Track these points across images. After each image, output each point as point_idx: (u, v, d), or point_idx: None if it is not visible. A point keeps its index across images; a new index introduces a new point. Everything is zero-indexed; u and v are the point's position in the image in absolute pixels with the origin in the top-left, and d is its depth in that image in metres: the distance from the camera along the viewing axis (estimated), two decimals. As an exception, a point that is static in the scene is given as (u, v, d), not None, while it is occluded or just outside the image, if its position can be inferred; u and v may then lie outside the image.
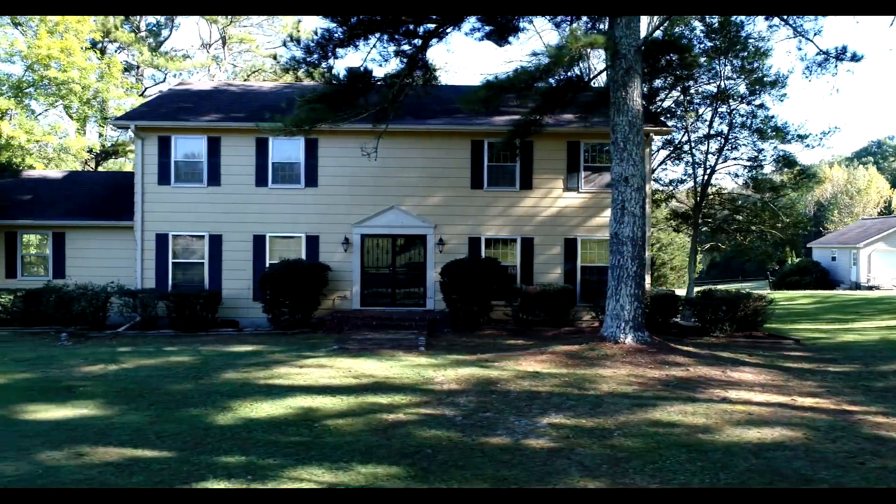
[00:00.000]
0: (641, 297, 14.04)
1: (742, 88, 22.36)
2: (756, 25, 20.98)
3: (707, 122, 24.10)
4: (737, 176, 23.43)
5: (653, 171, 22.03)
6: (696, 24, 22.10)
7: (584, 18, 16.41)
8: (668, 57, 15.53)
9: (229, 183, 19.19)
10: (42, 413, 9.48)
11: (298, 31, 43.80)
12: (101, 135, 39.87)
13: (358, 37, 11.49)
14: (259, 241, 19.21)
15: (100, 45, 39.81)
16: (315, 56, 12.14)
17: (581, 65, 23.14)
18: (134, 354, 14.38)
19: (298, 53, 12.21)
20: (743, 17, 20.73)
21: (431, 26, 11.86)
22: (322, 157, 19.24)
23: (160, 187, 19.10)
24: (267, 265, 18.95)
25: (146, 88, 43.65)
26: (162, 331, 17.72)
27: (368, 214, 19.25)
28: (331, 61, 12.45)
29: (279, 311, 17.76)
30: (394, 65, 13.35)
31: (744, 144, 22.88)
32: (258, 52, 45.29)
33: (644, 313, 14.34)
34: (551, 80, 13.06)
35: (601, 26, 16.69)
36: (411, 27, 11.72)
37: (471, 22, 13.02)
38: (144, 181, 19.08)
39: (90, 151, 36.42)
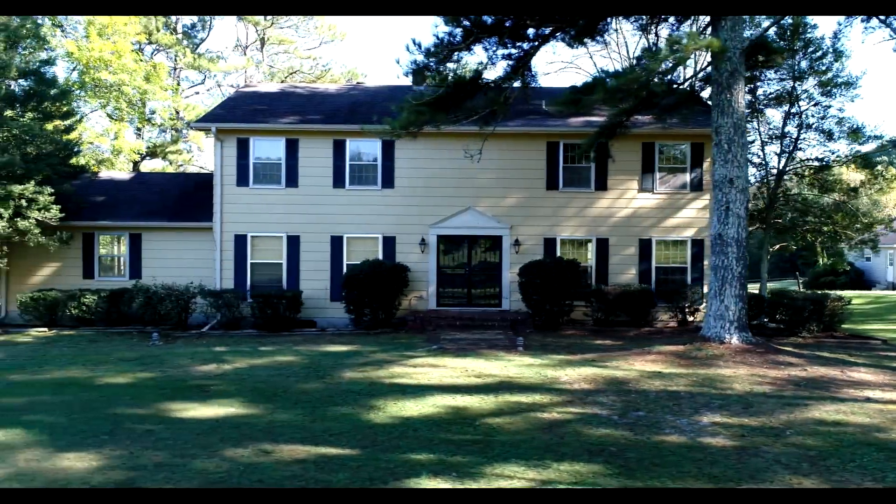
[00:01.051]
0: (745, 297, 14.07)
1: (811, 88, 22.32)
2: (831, 26, 20.95)
3: (768, 124, 24.16)
4: (803, 177, 23.37)
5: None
6: (764, 23, 22.04)
7: (671, 20, 16.44)
8: (756, 58, 15.54)
9: (307, 184, 19.33)
10: (191, 411, 9.59)
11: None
12: (138, 135, 40.14)
13: (475, 41, 11.56)
14: (336, 242, 19.33)
15: (140, 48, 40.05)
16: (433, 59, 12.24)
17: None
18: (235, 354, 14.51)
19: (420, 57, 12.32)
20: (814, 18, 20.73)
21: (546, 30, 11.94)
22: (399, 159, 19.35)
23: (239, 188, 19.25)
24: (344, 266, 19.10)
25: (183, 90, 43.88)
26: (246, 331, 17.87)
27: (445, 215, 19.35)
28: (448, 64, 12.54)
29: (362, 311, 17.86)
30: (500, 68, 13.36)
31: (812, 146, 22.90)
32: (296, 53, 45.41)
33: (747, 314, 14.36)
34: (655, 82, 13.05)
35: (686, 29, 16.72)
36: (528, 31, 11.78)
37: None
38: (223, 183, 19.23)
39: (138, 153, 36.65)
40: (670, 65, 12.63)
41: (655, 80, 12.51)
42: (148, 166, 44.23)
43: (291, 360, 13.83)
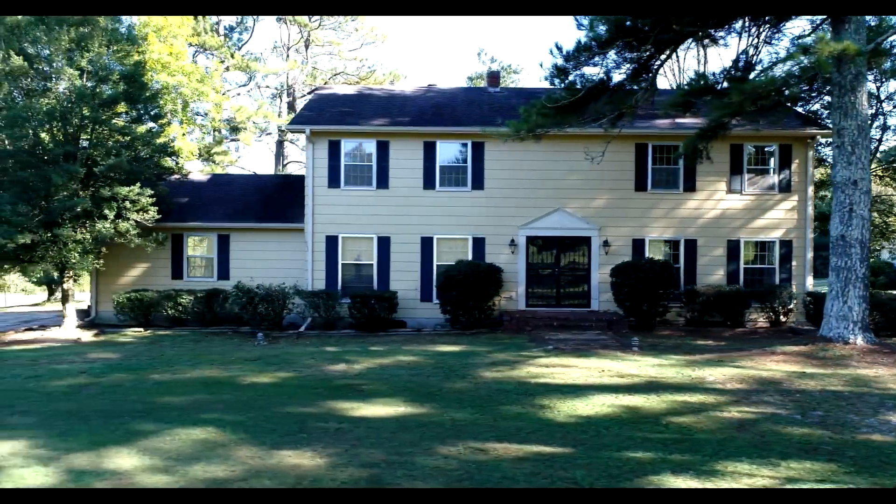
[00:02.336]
0: (867, 298, 14.09)
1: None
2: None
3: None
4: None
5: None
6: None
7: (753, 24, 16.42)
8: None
9: (397, 186, 19.47)
10: (363, 410, 9.68)
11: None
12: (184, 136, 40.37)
13: (609, 46, 11.66)
14: (426, 243, 19.46)
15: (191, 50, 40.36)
16: (571, 63, 12.35)
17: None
18: (351, 354, 14.65)
19: (560, 61, 12.42)
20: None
21: (680, 31, 12.01)
22: (489, 161, 19.47)
23: (330, 190, 19.41)
24: (434, 266, 19.24)
25: (225, 91, 44.14)
26: (342, 331, 18.03)
27: (534, 216, 19.44)
28: (582, 69, 12.65)
29: (459, 312, 17.96)
30: (624, 71, 13.40)
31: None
32: (340, 55, 45.58)
33: (870, 314, 14.39)
34: (791, 84, 13.08)
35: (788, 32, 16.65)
36: (664, 36, 11.86)
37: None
38: (315, 184, 19.38)
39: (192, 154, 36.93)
40: (799, 69, 12.66)
41: (792, 82, 12.55)
42: (194, 168, 44.59)
43: (414, 360, 13.94)
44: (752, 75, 16.55)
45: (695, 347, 15.19)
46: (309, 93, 47.19)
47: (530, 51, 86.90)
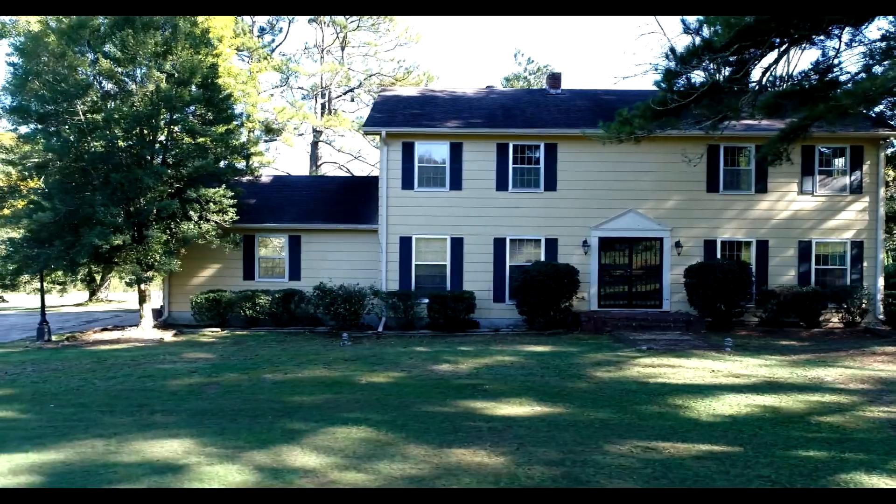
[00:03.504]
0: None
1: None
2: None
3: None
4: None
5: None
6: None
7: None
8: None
9: (470, 187, 19.59)
10: (498, 410, 9.78)
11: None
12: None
13: (725, 50, 11.73)
14: (499, 244, 19.58)
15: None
16: (683, 66, 12.43)
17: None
18: (446, 353, 14.77)
19: (672, 65, 12.53)
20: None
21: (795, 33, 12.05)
22: (561, 162, 19.57)
23: (403, 192, 19.55)
24: (507, 267, 19.37)
25: (261, 93, 44.29)
26: (420, 331, 18.16)
27: (606, 217, 19.54)
28: (692, 72, 12.74)
29: (537, 312, 18.07)
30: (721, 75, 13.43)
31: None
32: (377, 56, 45.70)
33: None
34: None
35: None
36: (781, 36, 11.93)
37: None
38: (388, 185, 19.53)
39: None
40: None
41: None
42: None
43: (513, 360, 14.07)
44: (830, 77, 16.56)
45: (784, 348, 15.26)
46: (345, 92, 47.54)
47: (564, 52, 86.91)
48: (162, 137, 17.98)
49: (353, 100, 48.40)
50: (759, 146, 18.49)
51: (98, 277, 37.85)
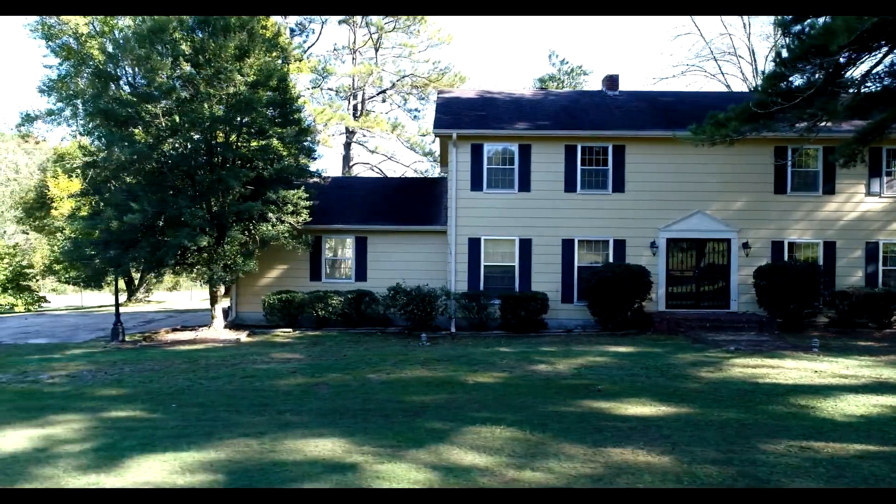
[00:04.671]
0: None
1: None
2: None
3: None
4: None
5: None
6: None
7: None
8: None
9: (538, 188, 19.71)
10: (623, 410, 9.85)
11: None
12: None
13: (833, 54, 11.80)
14: (567, 245, 19.68)
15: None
16: (786, 69, 12.52)
17: None
18: (533, 354, 14.88)
19: (778, 69, 12.63)
20: None
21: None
22: (629, 164, 19.65)
23: (472, 193, 19.68)
24: (575, 268, 19.47)
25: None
26: (493, 332, 18.28)
27: (674, 219, 19.61)
28: (795, 75, 12.82)
29: (610, 313, 18.16)
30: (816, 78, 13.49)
31: None
32: (411, 58, 45.85)
33: None
34: None
35: None
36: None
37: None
38: (458, 187, 19.65)
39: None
40: None
41: None
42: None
43: (604, 360, 14.17)
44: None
45: (866, 349, 15.33)
46: (378, 93, 47.64)
47: (595, 52, 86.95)
48: (235, 138, 18.11)
49: (384, 101, 48.64)
50: (829, 148, 18.57)
51: (136, 278, 38.15)
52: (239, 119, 17.20)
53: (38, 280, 35.61)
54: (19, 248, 36.57)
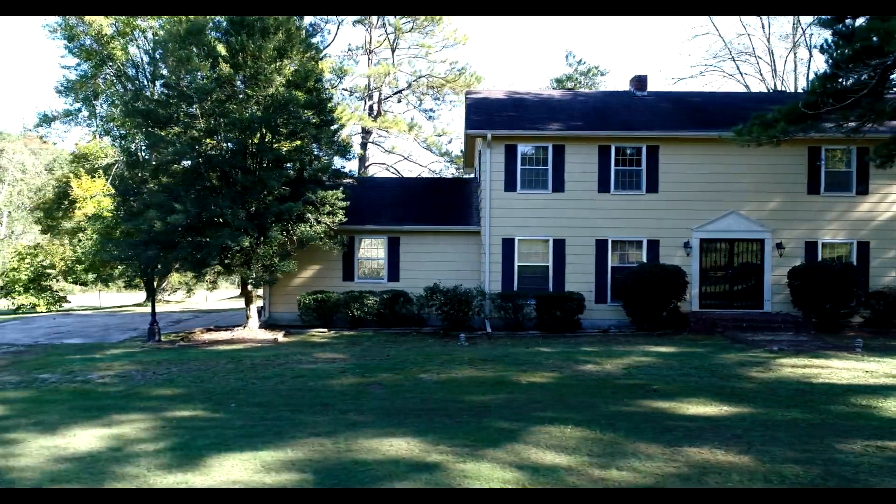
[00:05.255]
0: None
1: None
2: None
3: None
4: None
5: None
6: None
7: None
8: None
9: (572, 189, 19.76)
10: (688, 409, 9.90)
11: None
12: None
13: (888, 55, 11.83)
14: (601, 245, 19.72)
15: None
16: (838, 70, 12.54)
17: None
18: (575, 354, 14.95)
19: (830, 69, 12.67)
20: None
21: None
22: (663, 164, 19.68)
23: (506, 193, 19.74)
24: (609, 268, 19.52)
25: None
26: (529, 332, 18.33)
27: (707, 219, 19.64)
28: (847, 76, 12.83)
29: (646, 313, 18.20)
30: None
31: None
32: (427, 58, 45.87)
33: None
34: None
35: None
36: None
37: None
38: (492, 188, 19.71)
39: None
40: None
41: None
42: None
43: (648, 360, 14.21)
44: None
45: (909, 350, 15.35)
46: (396, 92, 47.66)
47: (608, 52, 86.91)
48: (271, 139, 18.19)
49: (399, 101, 48.69)
50: (862, 148, 18.60)
51: (156, 278, 38.23)
52: (276, 120, 17.24)
53: (58, 280, 35.71)
54: (41, 248, 36.63)
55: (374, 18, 44.86)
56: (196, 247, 16.47)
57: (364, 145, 46.48)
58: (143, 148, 17.27)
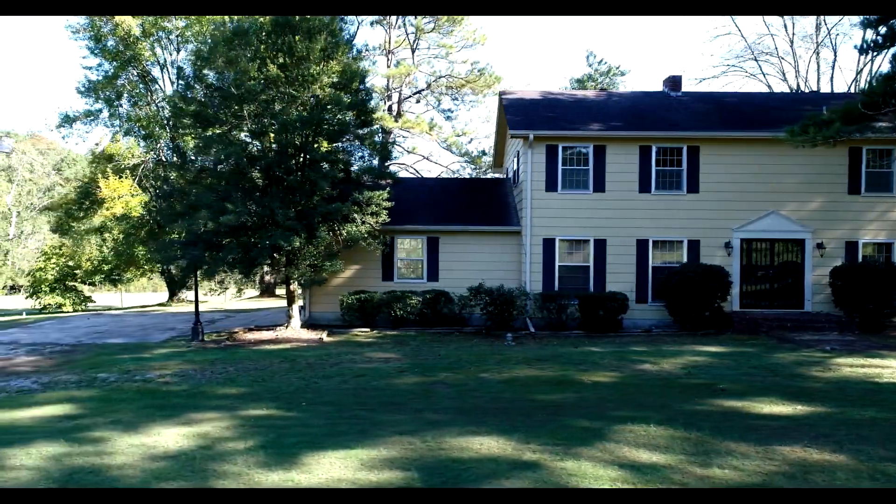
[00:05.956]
0: None
1: None
2: None
3: None
4: None
5: None
6: None
7: None
8: None
9: (613, 189, 19.81)
10: (759, 408, 9.93)
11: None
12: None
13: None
14: (641, 245, 19.77)
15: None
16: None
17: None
18: (628, 353, 15.03)
19: (893, 69, 12.75)
20: None
21: None
22: (703, 164, 19.72)
23: (547, 194, 19.80)
24: (649, 268, 19.57)
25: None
26: (573, 332, 18.40)
27: (748, 219, 19.68)
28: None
29: (688, 313, 18.24)
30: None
31: None
32: (448, 59, 45.89)
33: None
34: None
35: None
36: None
37: None
38: (532, 188, 19.77)
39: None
40: None
41: None
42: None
43: (702, 360, 14.28)
44: None
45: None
46: (415, 93, 47.72)
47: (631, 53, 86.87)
48: (315, 139, 18.28)
49: (418, 101, 48.76)
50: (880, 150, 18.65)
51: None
52: (322, 120, 17.32)
53: (84, 281, 35.89)
54: (67, 248, 36.80)
55: (392, 18, 44.90)
56: (246, 247, 16.56)
57: (384, 145, 46.50)
58: (191, 149, 17.30)
